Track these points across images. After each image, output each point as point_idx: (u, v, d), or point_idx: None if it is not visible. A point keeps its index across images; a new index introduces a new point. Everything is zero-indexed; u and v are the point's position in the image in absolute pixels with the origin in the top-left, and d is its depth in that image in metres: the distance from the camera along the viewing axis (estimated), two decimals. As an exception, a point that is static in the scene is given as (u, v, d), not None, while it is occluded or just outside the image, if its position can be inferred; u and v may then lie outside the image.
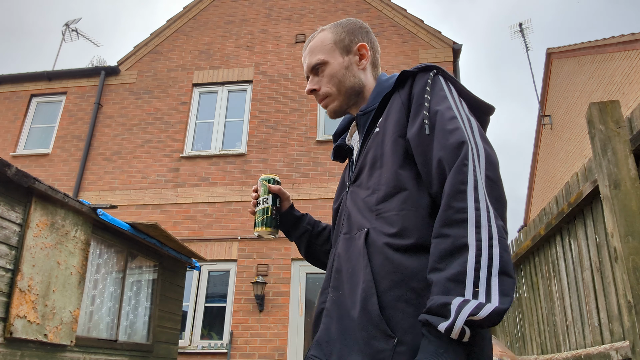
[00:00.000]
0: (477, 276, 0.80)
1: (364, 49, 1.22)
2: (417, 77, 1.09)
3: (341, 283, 1.04)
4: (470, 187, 0.87)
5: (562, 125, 11.66)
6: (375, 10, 9.40)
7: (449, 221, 0.86)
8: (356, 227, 1.06)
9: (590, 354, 2.51)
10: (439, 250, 0.85)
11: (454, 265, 0.82)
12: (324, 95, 1.21)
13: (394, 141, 1.04)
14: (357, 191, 1.11)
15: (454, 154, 0.91)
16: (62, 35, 12.53)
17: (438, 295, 0.82)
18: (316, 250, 1.35)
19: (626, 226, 2.04)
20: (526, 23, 12.82)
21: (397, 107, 1.09)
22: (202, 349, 7.35)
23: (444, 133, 0.95)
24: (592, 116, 2.25)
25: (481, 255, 0.81)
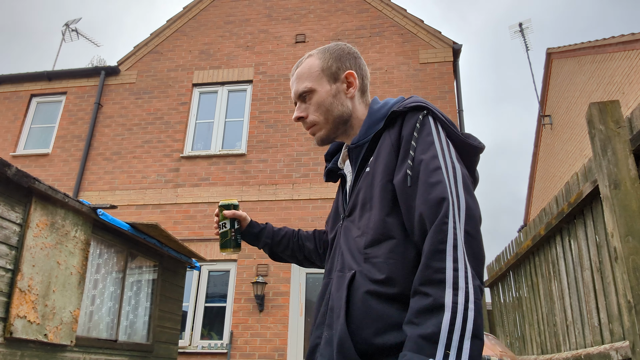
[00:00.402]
0: (450, 338, 0.82)
1: (352, 77, 1.20)
2: (406, 117, 1.08)
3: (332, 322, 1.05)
4: (449, 247, 0.88)
5: (562, 125, 11.66)
6: (375, 10, 9.40)
7: (428, 280, 0.87)
8: (347, 267, 1.07)
9: (590, 354, 2.51)
10: (417, 306, 0.88)
11: (429, 324, 0.84)
12: (311, 124, 1.21)
13: (383, 186, 1.05)
14: (350, 227, 1.12)
15: (434, 210, 0.92)
16: (62, 35, 12.54)
17: (411, 352, 0.83)
18: (278, 255, 1.52)
19: (626, 226, 2.04)
20: (526, 23, 12.82)
21: (386, 148, 1.08)
22: (202, 349, 7.35)
23: (426, 186, 0.96)
24: (592, 116, 2.25)
25: (456, 319, 0.83)
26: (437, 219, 0.91)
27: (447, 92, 8.43)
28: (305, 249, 1.49)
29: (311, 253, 1.48)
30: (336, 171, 1.31)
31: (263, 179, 8.29)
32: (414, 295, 0.90)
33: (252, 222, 1.48)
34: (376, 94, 8.59)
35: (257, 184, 8.28)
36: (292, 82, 1.25)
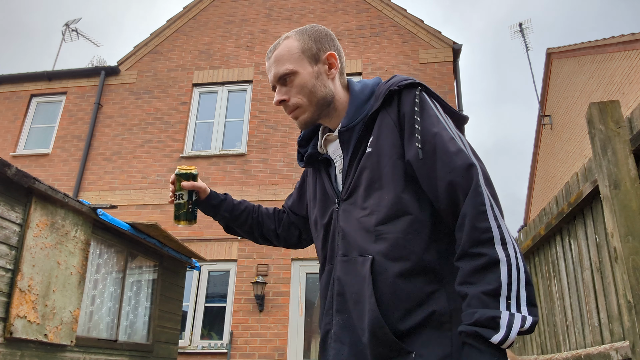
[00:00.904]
0: (509, 290, 0.90)
1: (333, 58, 1.20)
2: (402, 95, 1.10)
3: (346, 307, 1.06)
4: (488, 208, 0.95)
5: (562, 125, 11.66)
6: (375, 10, 9.40)
7: (477, 241, 0.93)
8: (355, 249, 1.07)
9: (590, 354, 2.51)
10: (471, 266, 0.93)
11: (488, 280, 0.90)
12: (294, 107, 1.18)
13: (393, 163, 1.06)
14: (349, 209, 1.11)
15: (465, 177, 0.98)
16: (62, 35, 12.54)
17: (481, 308, 0.89)
18: (233, 229, 1.47)
19: (626, 226, 2.04)
20: (526, 23, 12.82)
21: (388, 127, 1.09)
22: (202, 349, 7.35)
23: (449, 155, 1.00)
24: (592, 116, 2.25)
25: (512, 270, 0.91)
26: (473, 183, 0.97)
27: (447, 92, 8.43)
28: (264, 226, 1.45)
29: (269, 232, 1.45)
30: (316, 156, 1.26)
31: (263, 179, 8.29)
32: (462, 258, 0.94)
33: (211, 193, 1.41)
34: (376, 94, 8.59)
35: (257, 184, 8.28)
36: (269, 66, 1.21)
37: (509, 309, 0.88)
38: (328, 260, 1.16)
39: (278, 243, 1.48)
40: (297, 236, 1.46)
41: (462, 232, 0.95)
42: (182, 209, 1.36)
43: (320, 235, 1.21)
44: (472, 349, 0.89)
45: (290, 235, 1.46)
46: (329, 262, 1.15)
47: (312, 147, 1.28)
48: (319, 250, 1.22)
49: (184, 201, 1.36)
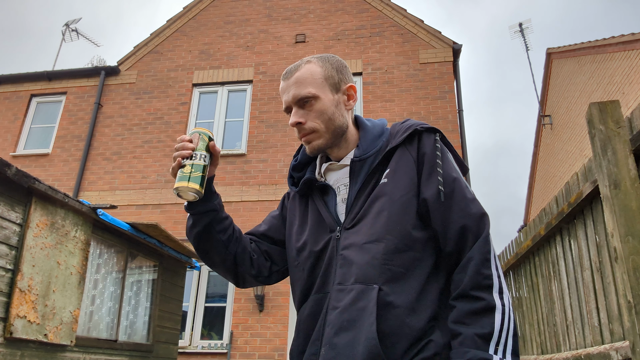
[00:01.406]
0: (500, 336, 0.96)
1: (353, 90, 1.21)
2: (423, 136, 1.15)
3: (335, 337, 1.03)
4: (492, 258, 1.02)
5: (562, 125, 11.66)
6: (375, 10, 9.40)
7: (479, 285, 0.99)
8: (354, 276, 1.05)
9: (590, 354, 2.51)
10: (469, 308, 0.98)
11: (484, 324, 0.96)
12: (310, 130, 1.16)
13: (408, 200, 1.09)
14: (352, 238, 1.10)
15: (478, 224, 1.05)
16: (62, 35, 12.54)
17: (474, 349, 0.94)
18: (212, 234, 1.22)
19: (626, 226, 2.04)
20: (526, 23, 12.82)
21: (408, 163, 1.12)
22: (202, 349, 7.35)
23: (466, 201, 1.07)
24: (592, 116, 2.25)
25: (504, 319, 0.97)
26: (484, 231, 1.04)
27: (447, 92, 8.43)
28: (241, 245, 1.27)
29: (245, 254, 1.27)
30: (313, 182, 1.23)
31: (263, 179, 8.28)
32: (461, 298, 1.00)
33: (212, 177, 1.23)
34: (376, 94, 8.59)
35: (257, 184, 8.28)
36: (287, 86, 1.18)
37: (497, 354, 0.94)
38: (317, 289, 1.13)
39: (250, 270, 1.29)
40: (269, 268, 1.33)
41: (464, 274, 1.01)
42: (202, 171, 1.13)
43: (308, 263, 1.16)
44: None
45: (262, 265, 1.31)
46: (319, 291, 1.12)
47: (309, 173, 1.26)
48: (303, 279, 1.17)
49: (206, 164, 1.14)
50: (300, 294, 1.18)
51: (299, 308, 1.18)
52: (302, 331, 1.13)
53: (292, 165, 1.32)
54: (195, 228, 1.22)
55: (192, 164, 1.13)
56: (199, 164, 1.13)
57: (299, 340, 1.13)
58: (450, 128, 8.11)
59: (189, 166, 1.13)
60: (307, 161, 1.31)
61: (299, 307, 1.18)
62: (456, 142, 8.06)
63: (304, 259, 1.17)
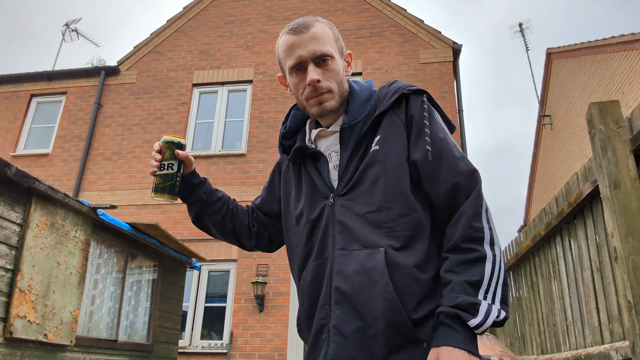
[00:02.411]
0: (489, 284, 0.98)
1: (350, 57, 1.24)
2: (410, 99, 1.15)
3: (348, 299, 1.04)
4: (484, 211, 1.05)
5: (562, 125, 11.66)
6: (375, 10, 9.40)
7: (470, 237, 1.02)
8: (358, 242, 1.07)
9: (590, 354, 2.51)
10: (460, 258, 1.01)
11: (474, 272, 0.99)
12: (327, 90, 1.14)
13: (401, 164, 1.10)
14: (350, 205, 1.10)
15: (469, 180, 1.07)
16: (62, 35, 12.54)
17: (463, 295, 0.97)
18: (205, 219, 1.34)
19: (626, 226, 2.04)
20: (526, 23, 12.82)
21: (397, 128, 1.13)
22: (202, 349, 7.35)
23: (455, 160, 1.08)
24: (592, 116, 2.25)
25: (494, 268, 1.00)
26: (476, 186, 1.06)
27: (447, 92, 8.43)
28: (237, 220, 1.35)
29: (242, 227, 1.35)
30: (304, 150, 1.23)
31: (263, 179, 8.28)
32: (453, 251, 1.02)
33: (194, 171, 1.31)
34: (376, 94, 8.59)
35: (257, 184, 8.28)
36: (302, 40, 1.13)
37: (486, 300, 0.97)
38: (316, 254, 1.14)
39: (249, 242, 1.38)
40: (267, 237, 1.39)
41: (456, 228, 1.03)
42: (170, 180, 1.23)
43: (305, 230, 1.18)
44: (449, 328, 0.96)
45: (261, 236, 1.38)
46: (318, 257, 1.13)
47: (300, 141, 1.25)
48: (301, 246, 1.18)
49: (173, 172, 1.23)
50: (300, 259, 1.19)
51: (299, 275, 1.19)
52: (307, 296, 1.14)
53: (282, 133, 1.29)
54: (191, 214, 1.35)
55: (160, 175, 1.23)
56: (167, 173, 1.23)
57: (305, 305, 1.15)
58: (450, 128, 8.11)
59: (158, 177, 1.23)
60: (296, 128, 1.29)
61: (298, 273, 1.20)
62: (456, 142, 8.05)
63: (302, 227, 1.19)
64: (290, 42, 1.14)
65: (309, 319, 1.13)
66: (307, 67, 1.13)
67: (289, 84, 1.21)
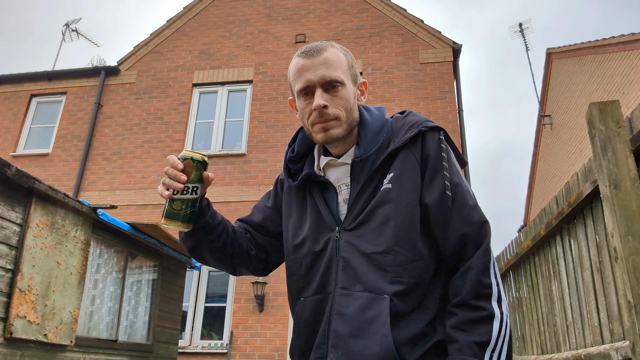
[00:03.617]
0: (497, 344, 0.97)
1: (364, 87, 1.19)
2: (427, 136, 1.09)
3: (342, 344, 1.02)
4: (492, 266, 1.02)
5: (562, 125, 11.66)
6: (375, 10, 9.40)
7: (479, 295, 1.00)
8: (361, 284, 1.03)
9: (590, 354, 2.51)
10: (469, 316, 0.99)
11: (482, 332, 0.97)
12: (334, 117, 1.09)
13: (414, 207, 1.05)
14: (356, 242, 1.06)
15: (479, 232, 1.04)
16: (62, 35, 12.54)
17: (471, 357, 0.95)
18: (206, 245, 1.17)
19: (626, 226, 2.04)
20: (526, 23, 12.82)
21: (412, 167, 1.07)
22: (202, 349, 7.35)
23: (468, 209, 1.05)
24: (592, 116, 2.25)
25: (502, 327, 0.98)
26: (485, 240, 1.04)
27: (447, 92, 8.43)
28: (237, 244, 1.22)
29: (242, 252, 1.23)
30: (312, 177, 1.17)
31: (263, 179, 8.28)
32: (461, 307, 1.00)
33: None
34: (376, 94, 8.59)
35: (257, 184, 8.27)
36: (313, 64, 1.10)
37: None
38: (317, 289, 1.10)
39: (247, 267, 1.26)
40: (264, 260, 1.28)
41: (464, 281, 1.01)
42: (192, 207, 1.03)
43: (306, 261, 1.13)
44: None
45: (259, 259, 1.27)
46: (319, 292, 1.09)
47: (308, 167, 1.19)
48: (299, 276, 1.14)
49: (196, 197, 1.04)
50: (296, 289, 1.15)
51: (294, 305, 1.16)
52: (303, 332, 1.11)
53: (289, 157, 1.23)
54: (188, 242, 1.17)
55: (183, 200, 1.02)
56: (191, 198, 1.03)
57: (300, 341, 1.12)
58: (450, 128, 8.12)
59: (179, 202, 1.02)
60: (303, 152, 1.23)
61: (293, 303, 1.16)
62: (456, 142, 8.06)
63: (302, 256, 1.14)
64: (301, 65, 1.11)
65: (304, 354, 1.11)
66: (314, 91, 1.10)
67: (297, 108, 1.18)
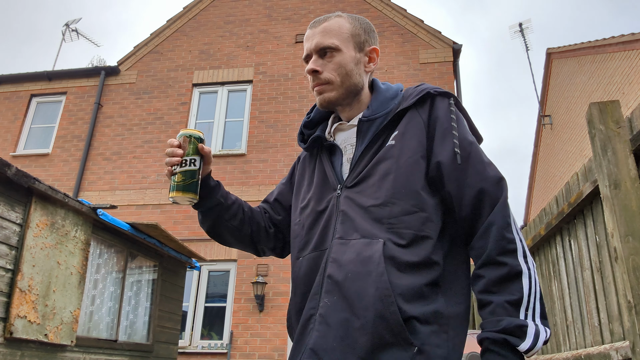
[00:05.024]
0: (529, 301, 0.94)
1: (375, 53, 1.22)
2: (436, 100, 1.12)
3: (339, 289, 1.00)
4: (512, 221, 1.00)
5: (562, 125, 11.66)
6: (375, 10, 9.40)
7: (505, 250, 0.97)
8: (357, 232, 1.04)
9: (590, 354, 2.51)
10: (496, 275, 0.96)
11: (512, 290, 0.94)
12: (325, 81, 1.15)
13: (416, 161, 1.06)
14: (356, 197, 1.08)
15: (496, 188, 1.02)
16: (62, 35, 12.54)
17: (507, 317, 0.92)
18: (222, 225, 1.25)
19: (626, 226, 2.04)
20: (526, 23, 12.82)
21: (417, 125, 1.10)
22: (202, 349, 7.35)
23: (483, 165, 1.04)
24: (592, 116, 2.25)
25: (531, 283, 0.95)
26: (502, 195, 1.01)
27: (447, 92, 8.43)
28: (254, 223, 1.28)
29: (260, 230, 1.29)
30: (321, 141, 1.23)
31: (263, 179, 8.28)
32: (487, 265, 0.97)
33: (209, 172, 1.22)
34: (376, 94, 8.60)
35: (257, 184, 8.27)
36: (312, 34, 1.18)
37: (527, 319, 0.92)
38: (315, 246, 1.10)
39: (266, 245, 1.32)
40: (282, 240, 1.33)
41: (486, 239, 0.98)
42: (193, 177, 1.12)
43: (307, 221, 1.15)
44: (497, 356, 0.91)
45: (277, 238, 1.32)
46: (316, 248, 1.10)
47: (320, 132, 1.26)
48: (300, 236, 1.16)
49: (196, 168, 1.12)
50: (296, 250, 1.17)
51: (294, 265, 1.17)
52: (299, 288, 1.10)
53: (304, 122, 1.30)
54: (205, 223, 1.25)
55: (183, 172, 1.11)
56: (190, 169, 1.11)
57: (296, 298, 1.11)
58: (450, 128, 8.12)
59: (180, 174, 1.11)
60: (319, 120, 1.30)
61: (293, 263, 1.18)
62: (456, 142, 8.06)
63: (305, 217, 1.17)
64: (305, 35, 1.21)
65: (298, 313, 1.09)
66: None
67: None
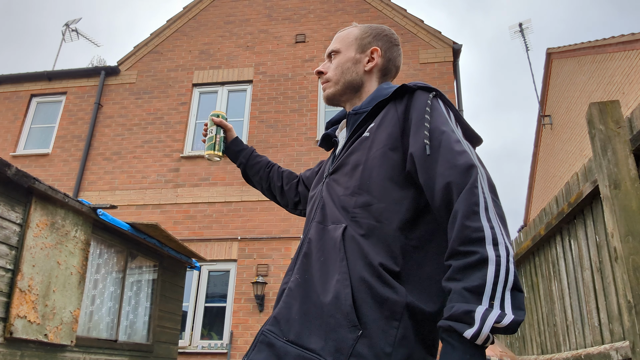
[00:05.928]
0: (495, 290, 0.86)
1: (375, 53, 1.29)
2: (416, 94, 1.13)
3: (309, 267, 1.06)
4: (482, 209, 0.92)
5: (562, 125, 11.66)
6: (375, 10, 9.40)
7: (468, 239, 0.90)
8: (330, 219, 1.09)
9: (590, 354, 2.51)
10: (459, 264, 0.90)
11: (473, 277, 0.87)
12: (325, 80, 1.31)
13: (383, 153, 1.08)
14: (333, 185, 1.15)
15: (464, 176, 0.95)
16: (62, 35, 12.54)
17: (459, 303, 0.86)
18: (249, 177, 1.67)
19: (626, 226, 2.04)
20: (526, 23, 12.82)
21: (391, 118, 1.12)
22: (202, 349, 7.35)
23: (453, 154, 0.99)
24: (592, 116, 2.25)
25: (500, 271, 0.87)
26: (468, 183, 0.94)
27: (447, 92, 8.42)
28: (272, 181, 1.62)
29: (275, 188, 1.62)
30: (330, 138, 1.38)
31: (263, 179, 8.28)
32: (452, 257, 0.92)
33: (236, 139, 1.65)
34: (376, 94, 8.60)
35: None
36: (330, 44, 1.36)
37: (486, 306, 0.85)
38: (304, 228, 1.19)
39: (280, 199, 1.63)
40: (295, 202, 1.58)
41: (452, 229, 0.93)
42: (210, 140, 1.60)
43: (307, 207, 1.27)
44: (447, 345, 0.86)
45: (290, 198, 1.59)
46: (304, 231, 1.17)
47: (332, 130, 1.40)
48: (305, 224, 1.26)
49: (212, 134, 1.60)
50: None
51: None
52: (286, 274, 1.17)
53: (327, 123, 1.45)
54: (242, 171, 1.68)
55: (208, 138, 1.62)
56: (210, 135, 1.61)
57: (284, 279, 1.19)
58: (450, 128, 8.12)
59: (206, 140, 1.62)
60: (337, 119, 1.43)
61: None
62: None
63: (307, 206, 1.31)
64: None
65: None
66: None
67: None
